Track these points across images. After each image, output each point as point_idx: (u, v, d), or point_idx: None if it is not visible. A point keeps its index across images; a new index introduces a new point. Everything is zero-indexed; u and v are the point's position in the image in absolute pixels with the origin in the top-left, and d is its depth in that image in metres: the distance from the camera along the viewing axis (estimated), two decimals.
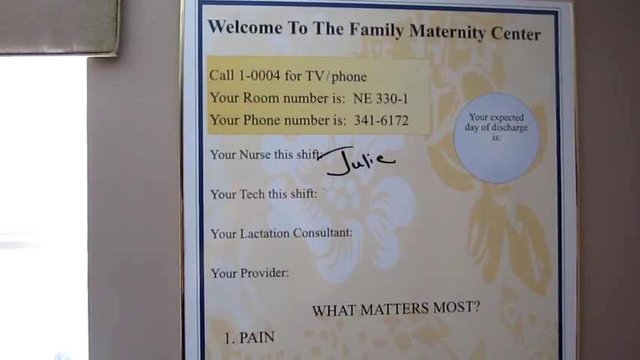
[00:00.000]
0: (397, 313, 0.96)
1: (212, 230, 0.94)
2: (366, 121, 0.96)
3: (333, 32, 0.96)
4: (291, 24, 0.95)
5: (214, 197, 0.94)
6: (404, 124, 0.96)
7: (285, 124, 0.95)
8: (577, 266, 0.99)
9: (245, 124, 0.94)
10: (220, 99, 0.94)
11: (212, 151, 0.94)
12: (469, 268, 0.97)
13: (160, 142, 0.95)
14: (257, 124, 0.94)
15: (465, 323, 0.97)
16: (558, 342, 0.99)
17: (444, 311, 0.97)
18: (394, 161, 0.96)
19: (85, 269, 0.94)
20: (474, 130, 0.98)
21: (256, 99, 0.94)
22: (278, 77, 0.95)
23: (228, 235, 0.94)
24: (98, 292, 0.94)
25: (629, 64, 1.04)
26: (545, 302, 0.99)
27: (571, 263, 0.99)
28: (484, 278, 0.98)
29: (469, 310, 0.98)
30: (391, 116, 0.96)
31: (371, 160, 0.96)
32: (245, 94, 0.94)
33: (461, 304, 0.97)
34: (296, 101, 0.95)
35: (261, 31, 0.95)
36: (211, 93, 0.93)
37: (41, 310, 1.10)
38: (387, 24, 0.97)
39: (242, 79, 0.94)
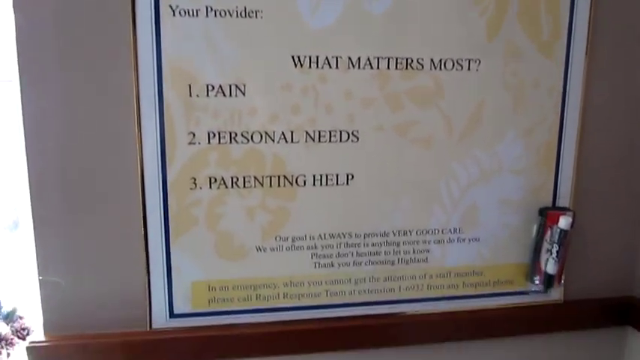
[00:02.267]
0: (388, 68, 0.84)
1: None
2: None
3: None
4: None
5: None
6: None
7: None
8: (589, 28, 0.88)
9: None
10: None
11: None
12: (472, 19, 0.84)
13: None
14: None
15: (462, 84, 0.86)
16: (561, 110, 0.90)
17: (440, 69, 0.85)
18: None
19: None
20: None
21: None
22: None
23: None
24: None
25: None
26: (551, 65, 0.88)
27: (582, 23, 0.88)
28: (487, 33, 0.85)
29: (468, 69, 0.86)
30: None
31: None
32: None
33: (460, 61, 0.86)
34: None
35: None
36: None
37: None
38: None
39: None
